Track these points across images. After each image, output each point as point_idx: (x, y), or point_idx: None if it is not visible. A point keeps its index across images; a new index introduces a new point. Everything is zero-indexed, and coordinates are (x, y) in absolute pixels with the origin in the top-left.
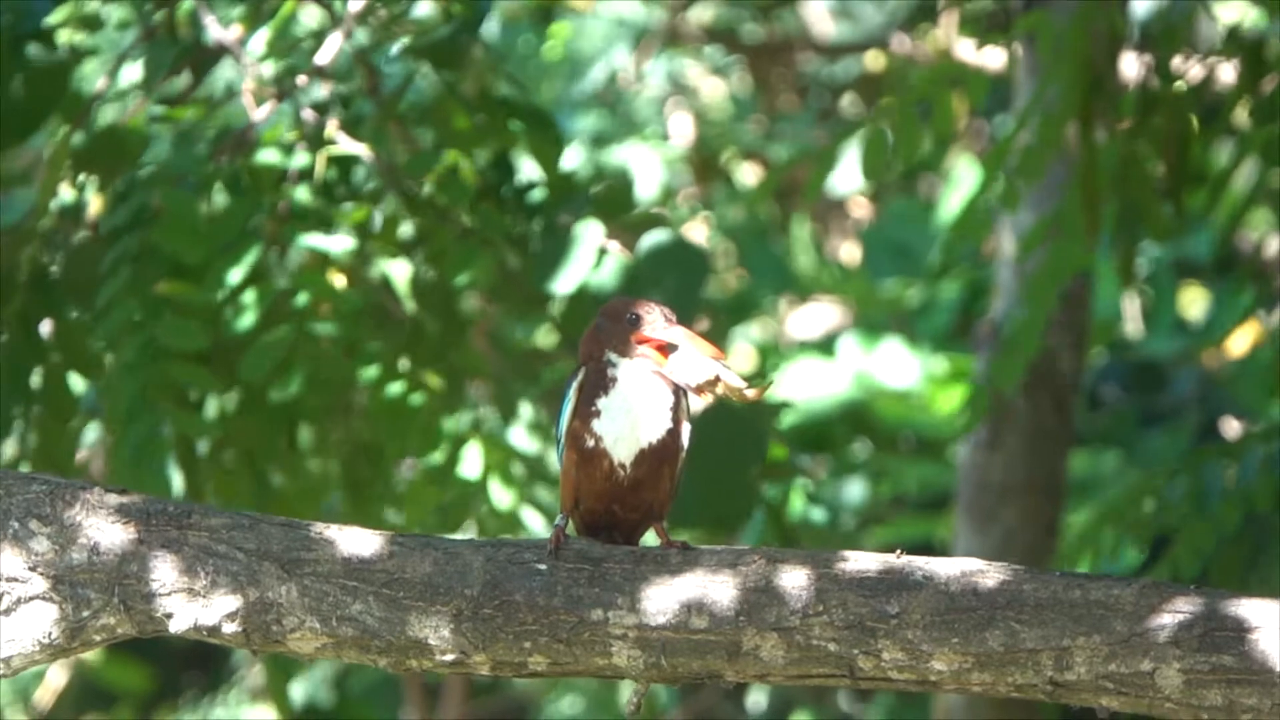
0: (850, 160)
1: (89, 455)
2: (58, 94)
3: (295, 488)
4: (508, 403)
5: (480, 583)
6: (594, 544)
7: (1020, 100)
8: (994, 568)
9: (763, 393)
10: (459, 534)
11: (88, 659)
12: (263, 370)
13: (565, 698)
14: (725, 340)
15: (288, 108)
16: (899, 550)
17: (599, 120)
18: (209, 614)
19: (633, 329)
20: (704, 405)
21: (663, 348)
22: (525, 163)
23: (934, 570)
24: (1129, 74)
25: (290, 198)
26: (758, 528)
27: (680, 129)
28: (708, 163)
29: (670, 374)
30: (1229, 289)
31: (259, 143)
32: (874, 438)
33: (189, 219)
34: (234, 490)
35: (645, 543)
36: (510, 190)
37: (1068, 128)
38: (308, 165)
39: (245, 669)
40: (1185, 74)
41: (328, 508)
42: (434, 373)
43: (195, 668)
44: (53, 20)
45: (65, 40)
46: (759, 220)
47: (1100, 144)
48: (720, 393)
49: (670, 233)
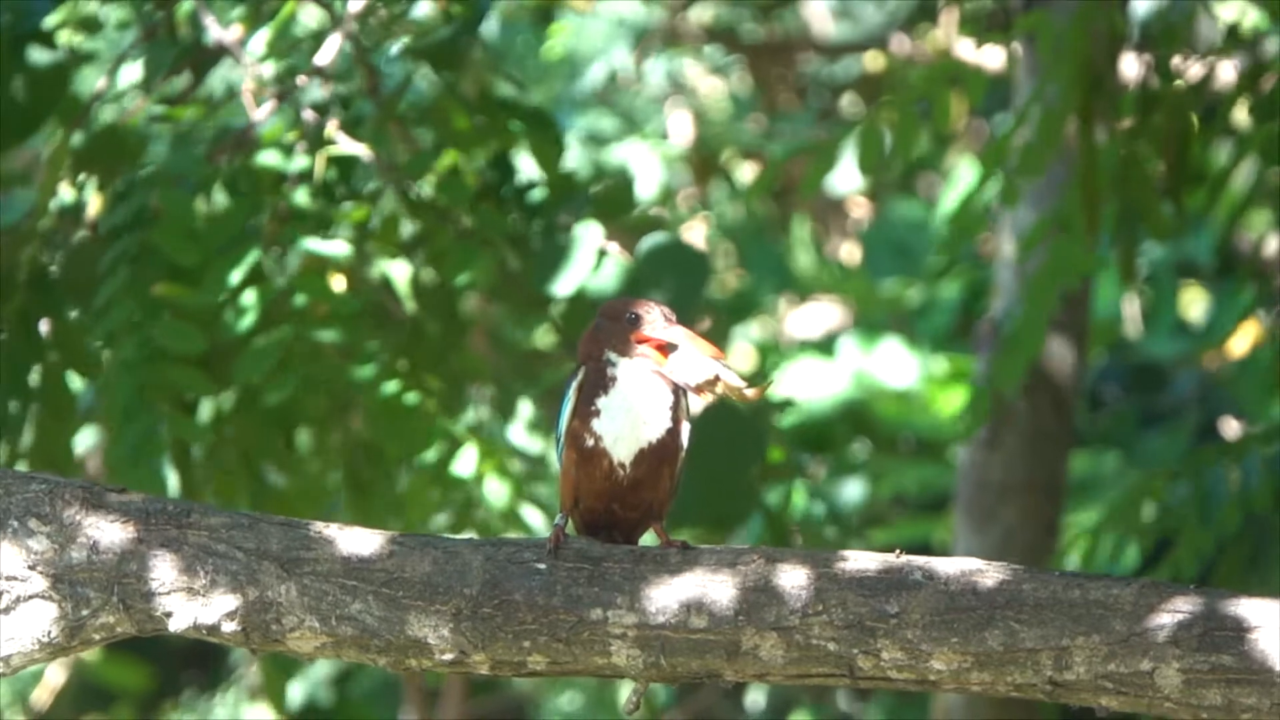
0: (850, 159)
1: (86, 454)
2: (57, 95)
3: (294, 489)
4: (508, 403)
5: (480, 582)
6: (593, 543)
7: (1020, 100)
8: (993, 567)
9: (762, 392)
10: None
11: (86, 658)
12: (258, 372)
13: (564, 694)
14: (725, 340)
15: (287, 108)
16: (898, 550)
17: (598, 120)
18: (208, 613)
19: (632, 328)
20: (704, 405)
21: (662, 347)
22: (525, 163)
23: (933, 570)
24: (1129, 74)
25: (290, 199)
26: (756, 531)
27: (679, 128)
28: (707, 162)
29: (670, 373)
30: (1229, 289)
31: (259, 143)
32: (873, 438)
33: (186, 220)
34: (231, 491)
35: (645, 542)
36: (510, 191)
37: (1067, 127)
38: (307, 167)
39: (244, 668)
40: (1185, 73)
41: (328, 511)
42: (434, 376)
43: (194, 667)
44: (52, 21)
45: (65, 41)
46: (758, 219)
47: (1100, 143)
48: (720, 392)
49: (670, 234)
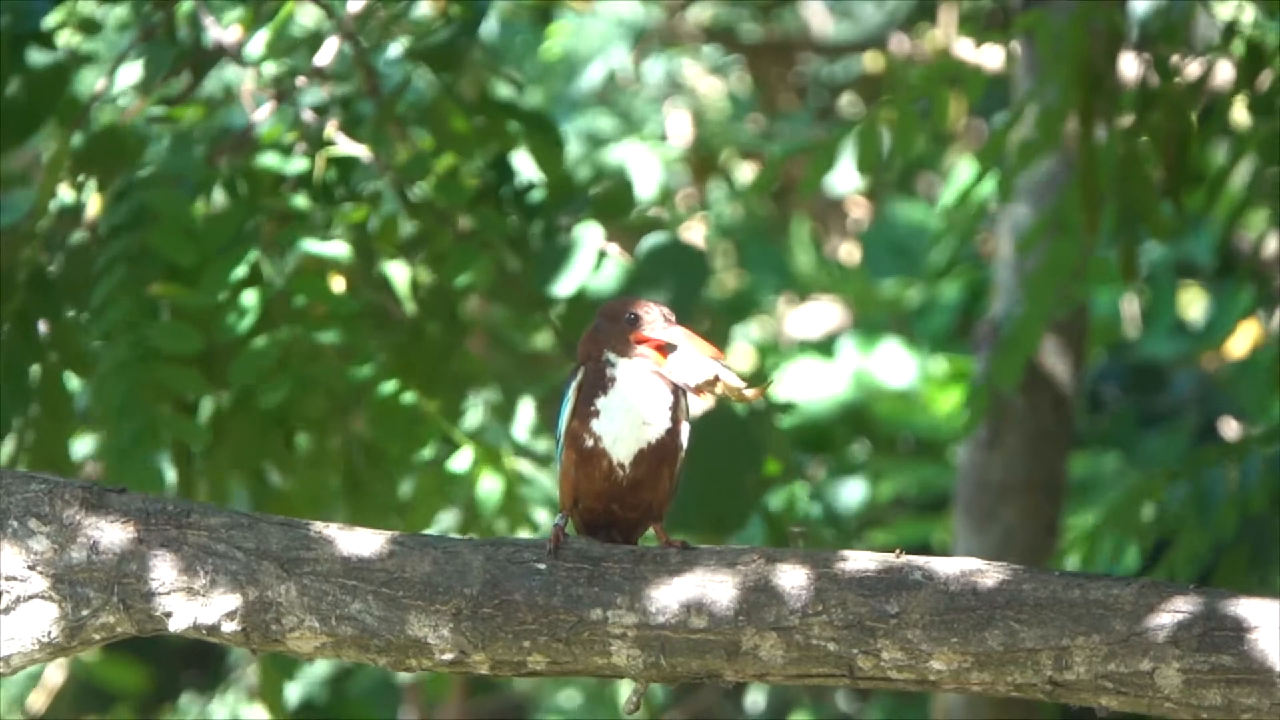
0: (849, 159)
1: (85, 458)
2: (56, 95)
3: (293, 490)
4: (509, 405)
5: (480, 582)
6: (593, 543)
7: (1019, 99)
8: (993, 567)
9: (762, 393)
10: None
11: (84, 659)
12: (254, 374)
13: (563, 692)
14: (725, 340)
15: (286, 109)
16: (898, 550)
17: (597, 120)
18: (208, 613)
19: (632, 329)
20: (703, 408)
21: (662, 347)
22: (524, 163)
23: (933, 570)
24: (1128, 73)
25: (288, 201)
26: (757, 536)
27: (678, 128)
28: (706, 162)
29: (669, 374)
30: (1228, 290)
31: (258, 144)
32: (873, 439)
33: (183, 221)
34: (222, 492)
35: (644, 542)
36: (509, 192)
37: (1067, 125)
38: (306, 169)
39: (242, 669)
40: (1183, 70)
41: (327, 513)
42: (434, 378)
43: (193, 667)
44: (52, 22)
45: (65, 42)
46: (757, 219)
47: (1100, 143)
48: (719, 393)
49: (669, 235)
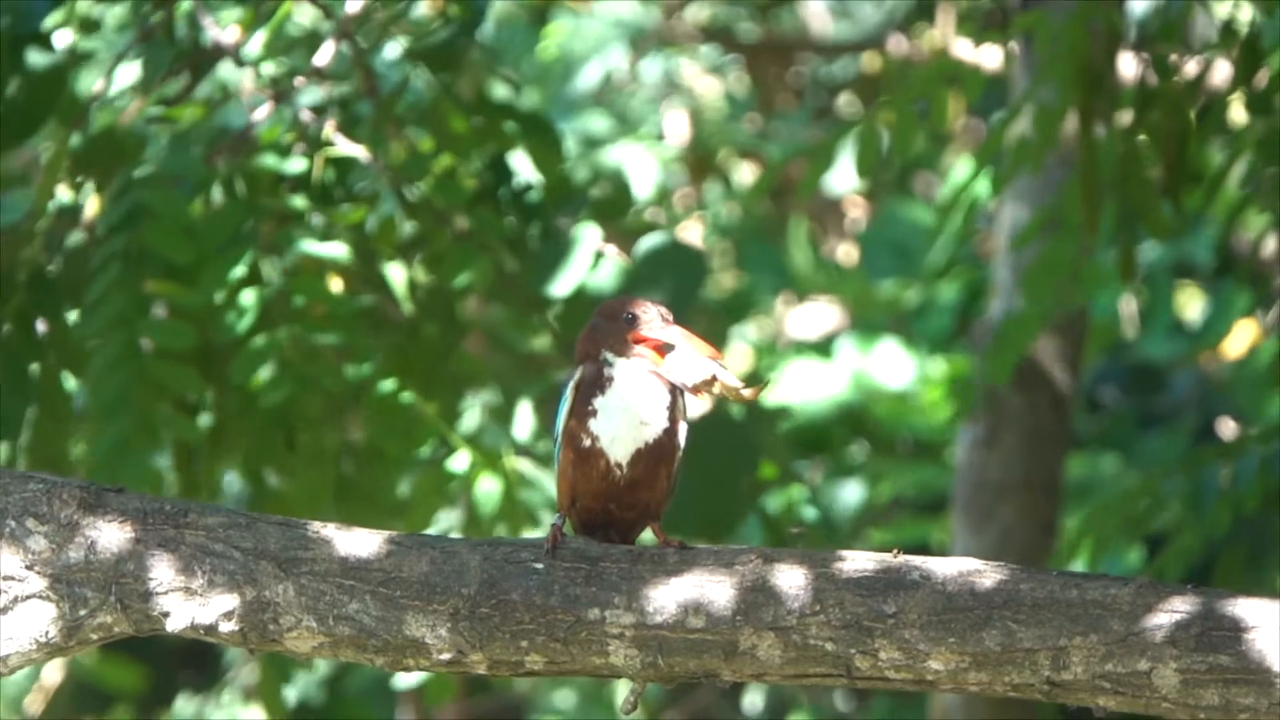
0: (847, 159)
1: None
2: (56, 96)
3: (290, 489)
4: (507, 406)
5: (477, 582)
6: (591, 543)
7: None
8: (991, 567)
9: (759, 393)
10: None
11: (82, 659)
12: (252, 374)
13: (558, 692)
14: (723, 341)
15: (285, 109)
16: (896, 550)
17: (594, 120)
18: (206, 613)
19: (629, 328)
20: (701, 410)
21: (659, 347)
22: (521, 164)
23: (931, 570)
24: (1126, 73)
25: (287, 201)
26: (753, 536)
27: (676, 128)
28: (703, 162)
29: (667, 373)
30: (1226, 290)
31: (257, 144)
32: (871, 439)
33: (179, 220)
34: (219, 486)
35: (642, 541)
36: (507, 193)
37: (1065, 125)
38: (305, 169)
39: (238, 669)
40: (1182, 69)
41: (323, 512)
42: (431, 379)
43: (190, 668)
44: (51, 22)
45: (64, 41)
46: (755, 219)
47: (1100, 142)
48: (717, 392)
49: (667, 235)
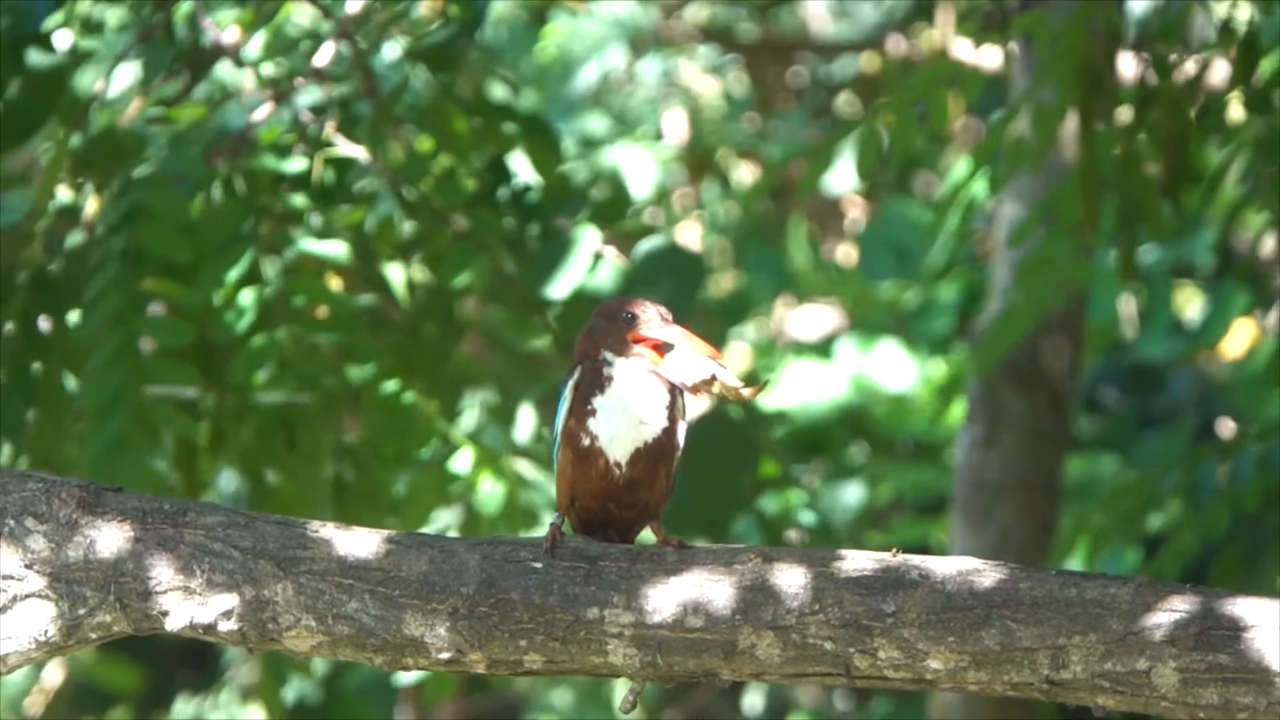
0: (846, 159)
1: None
2: (56, 97)
3: (287, 488)
4: (507, 406)
5: (476, 581)
6: (590, 542)
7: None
8: (990, 566)
9: (759, 392)
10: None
11: (80, 659)
12: (252, 373)
13: (557, 690)
14: (722, 341)
15: (285, 110)
16: (895, 549)
17: (593, 120)
18: (205, 612)
19: (628, 328)
20: (700, 410)
21: (659, 347)
22: (520, 165)
23: (930, 569)
24: (1126, 73)
25: (286, 201)
26: (752, 539)
27: (674, 128)
28: (702, 161)
29: (666, 373)
30: (1224, 290)
31: (257, 145)
32: (871, 441)
33: (179, 219)
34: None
35: (642, 541)
36: (506, 194)
37: (1065, 124)
38: (305, 169)
39: (237, 668)
40: (1181, 67)
41: (321, 513)
42: (430, 377)
43: (188, 667)
44: (51, 23)
45: (65, 41)
46: (754, 218)
47: (1099, 141)
48: (716, 392)
49: (666, 237)
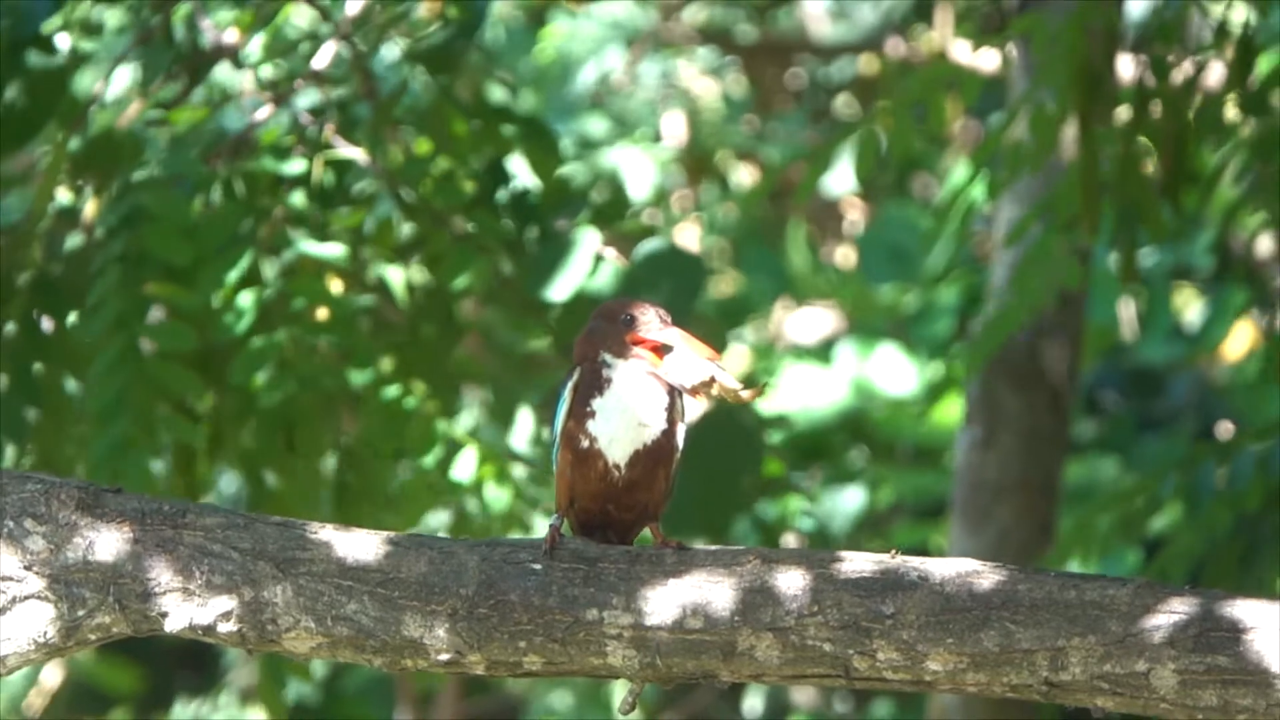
0: (845, 161)
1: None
2: (56, 99)
3: (291, 490)
4: (504, 406)
5: (475, 582)
6: (589, 544)
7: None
8: (989, 568)
9: (758, 394)
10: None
11: (80, 660)
12: (252, 375)
13: (556, 691)
14: (721, 343)
15: (284, 112)
16: (894, 550)
17: (592, 122)
18: (204, 613)
19: (628, 330)
20: (700, 412)
21: (658, 349)
22: (519, 166)
23: (929, 570)
24: (1124, 74)
25: (286, 202)
26: (750, 542)
27: (673, 129)
28: (701, 163)
29: (665, 375)
30: (1223, 292)
31: (256, 147)
32: (871, 445)
33: (179, 222)
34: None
35: (641, 542)
36: (505, 195)
37: (1065, 126)
38: (304, 171)
39: (237, 670)
40: (1180, 66)
41: (320, 510)
42: (429, 378)
43: (188, 669)
44: (51, 25)
45: (65, 43)
46: (753, 220)
47: (1098, 142)
48: (716, 394)
49: (666, 239)
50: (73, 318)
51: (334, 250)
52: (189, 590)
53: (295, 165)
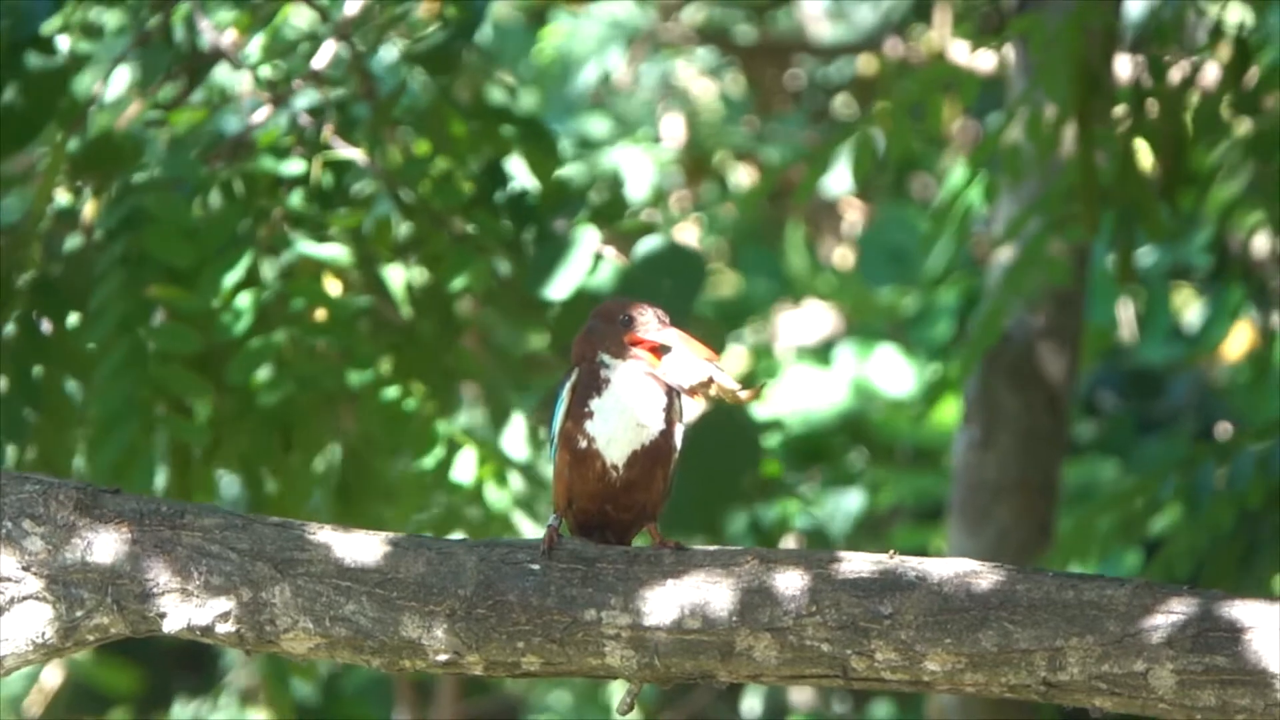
0: (844, 162)
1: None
2: (55, 100)
3: (289, 491)
4: (501, 406)
5: (474, 583)
6: (587, 544)
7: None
8: (987, 568)
9: (756, 395)
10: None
11: (79, 661)
12: (250, 375)
13: (554, 692)
14: (720, 344)
15: (283, 112)
16: (892, 551)
17: (591, 122)
18: (202, 614)
19: (626, 330)
20: (698, 412)
21: (656, 349)
22: (518, 166)
23: (927, 570)
24: (1122, 75)
25: (285, 203)
26: (746, 538)
27: (672, 130)
28: (700, 164)
29: (663, 375)
30: (1222, 292)
31: (255, 147)
32: (870, 447)
33: (179, 223)
34: (215, 486)
35: (639, 543)
36: (504, 196)
37: (1064, 127)
38: (303, 171)
39: (235, 671)
40: (1176, 66)
41: (313, 506)
42: (428, 377)
43: (187, 670)
44: (50, 26)
45: (64, 44)
46: (751, 221)
47: (1097, 142)
48: (714, 394)
49: (665, 238)
50: (73, 319)
51: (333, 251)
52: (187, 591)
53: (294, 166)
